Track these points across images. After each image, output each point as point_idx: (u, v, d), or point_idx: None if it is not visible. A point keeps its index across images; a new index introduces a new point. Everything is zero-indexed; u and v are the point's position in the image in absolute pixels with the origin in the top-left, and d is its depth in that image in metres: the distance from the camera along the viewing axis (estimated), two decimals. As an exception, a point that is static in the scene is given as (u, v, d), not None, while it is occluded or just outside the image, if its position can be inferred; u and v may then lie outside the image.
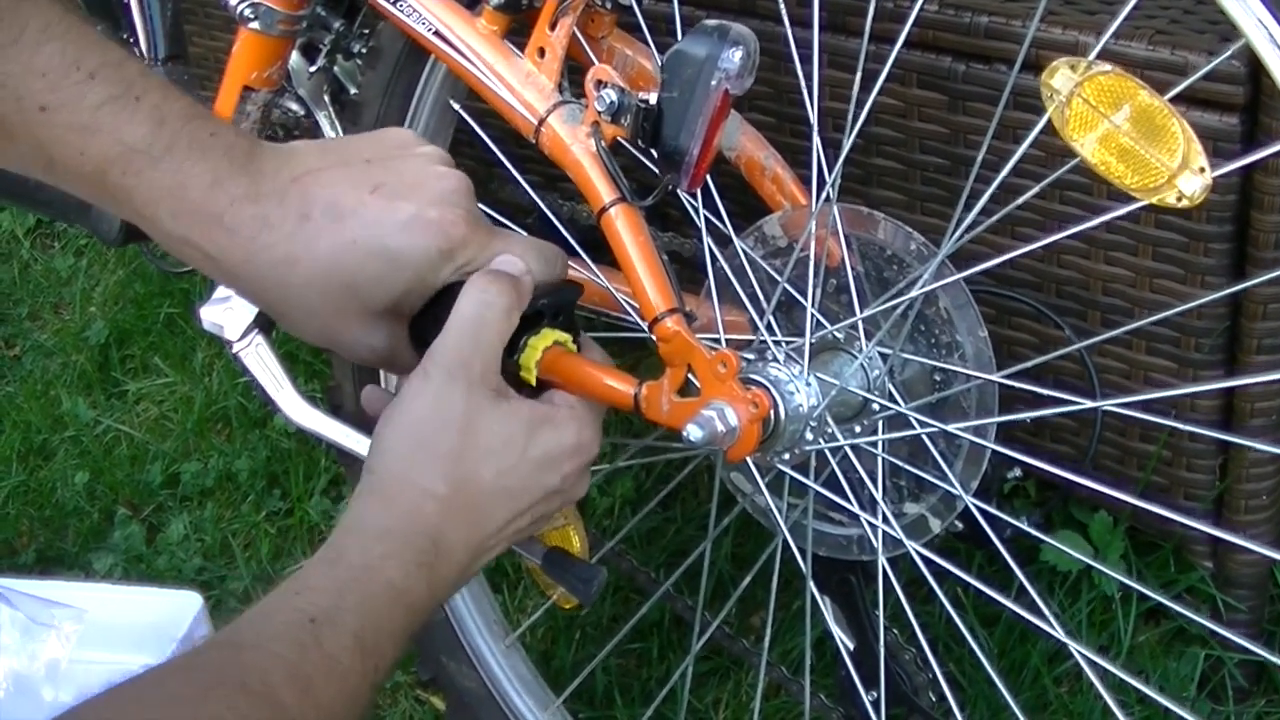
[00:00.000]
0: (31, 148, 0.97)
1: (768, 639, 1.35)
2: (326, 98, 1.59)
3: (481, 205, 1.40)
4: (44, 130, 0.97)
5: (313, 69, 1.57)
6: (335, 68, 1.58)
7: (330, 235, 1.03)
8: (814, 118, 1.21)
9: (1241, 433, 1.41)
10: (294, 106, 1.60)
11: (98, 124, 0.97)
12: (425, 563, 0.99)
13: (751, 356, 1.22)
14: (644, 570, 1.48)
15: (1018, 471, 1.33)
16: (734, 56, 1.14)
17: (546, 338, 1.22)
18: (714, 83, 1.13)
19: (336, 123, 1.58)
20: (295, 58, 1.56)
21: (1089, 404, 1.20)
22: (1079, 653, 1.15)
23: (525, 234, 1.18)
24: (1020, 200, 1.16)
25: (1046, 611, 1.15)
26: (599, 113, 1.18)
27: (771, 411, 1.17)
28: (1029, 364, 1.19)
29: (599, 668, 1.57)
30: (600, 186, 1.20)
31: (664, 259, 1.19)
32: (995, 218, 1.15)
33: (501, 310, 1.07)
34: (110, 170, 0.99)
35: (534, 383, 1.22)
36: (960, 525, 1.27)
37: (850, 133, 1.19)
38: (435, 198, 1.07)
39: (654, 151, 1.17)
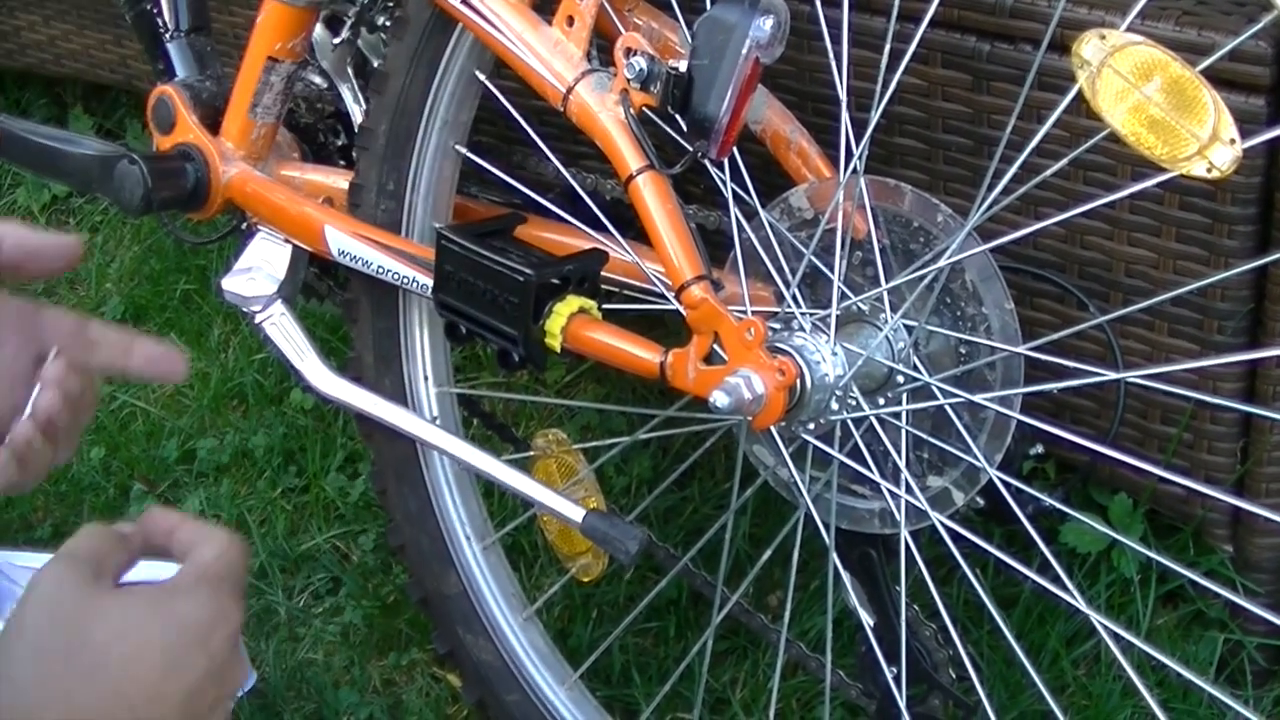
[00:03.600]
0: None
1: (787, 614, 1.34)
2: (350, 70, 1.59)
3: (507, 179, 1.41)
4: None
5: (336, 41, 1.56)
6: (359, 40, 1.57)
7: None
8: (841, 89, 1.21)
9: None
10: (317, 80, 1.60)
11: None
12: None
13: (778, 326, 1.22)
14: (663, 546, 1.48)
15: (1039, 449, 1.33)
16: (765, 25, 1.14)
17: (572, 304, 1.23)
18: (745, 50, 1.14)
19: (360, 95, 1.58)
20: (319, 30, 1.56)
21: (1112, 375, 1.19)
22: (1101, 625, 1.14)
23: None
24: (1048, 172, 1.16)
25: (1070, 584, 1.14)
26: (628, 80, 1.19)
27: (797, 380, 1.17)
28: (1054, 336, 1.19)
29: (616, 645, 1.57)
30: (628, 154, 1.20)
31: (691, 227, 1.19)
32: (1022, 190, 1.15)
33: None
34: None
35: (558, 349, 1.23)
36: (982, 502, 1.27)
37: (879, 103, 1.19)
38: None
39: (683, 119, 1.18)
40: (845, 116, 1.21)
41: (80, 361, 0.98)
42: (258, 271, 1.51)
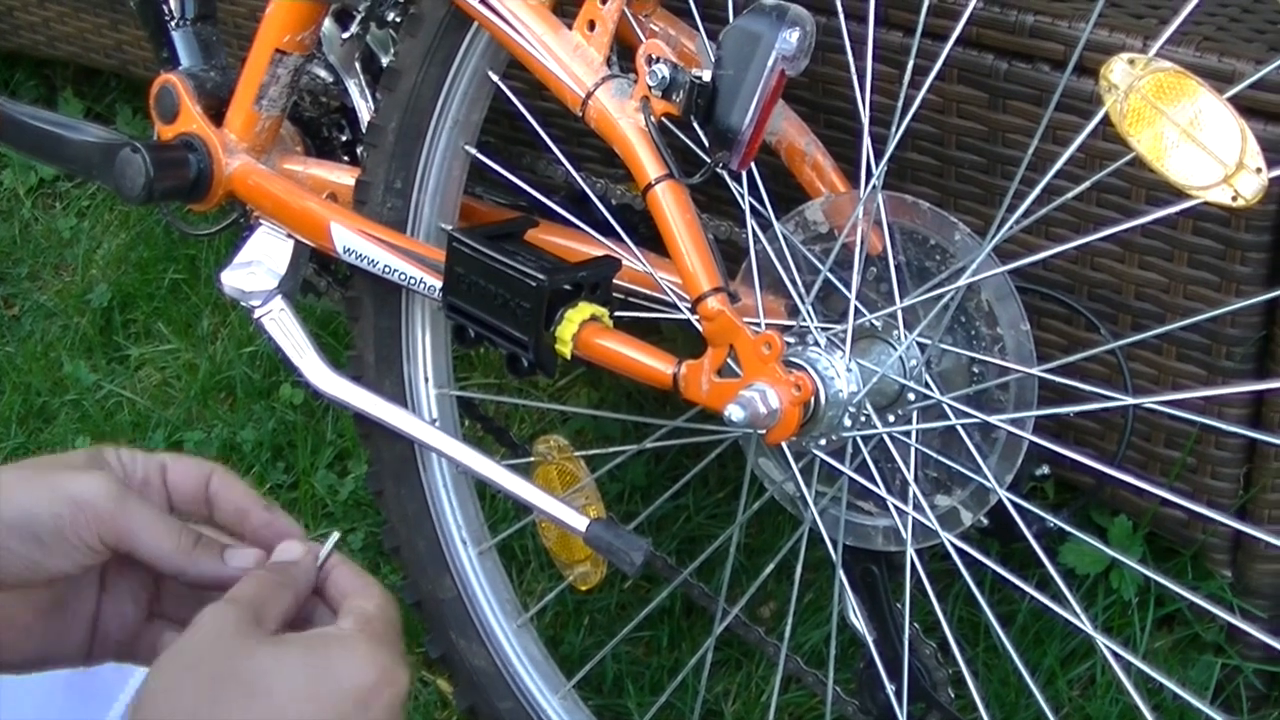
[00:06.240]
0: None
1: (789, 628, 1.33)
2: (358, 66, 1.57)
3: (514, 180, 1.39)
4: None
5: (345, 36, 1.55)
6: (368, 36, 1.56)
7: None
8: (864, 105, 1.20)
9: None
10: (322, 74, 1.58)
11: None
12: None
13: (792, 340, 1.21)
14: (661, 556, 1.47)
15: (1045, 469, 1.32)
16: (791, 37, 1.13)
17: (584, 311, 1.22)
18: (770, 62, 1.13)
19: (366, 91, 1.56)
20: (328, 24, 1.54)
21: (1126, 400, 1.19)
22: (1102, 644, 1.14)
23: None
24: (1071, 194, 1.15)
25: (1074, 602, 1.14)
26: (650, 88, 1.17)
27: (812, 396, 1.16)
28: (1069, 359, 1.19)
29: (609, 655, 1.56)
30: (647, 162, 1.19)
31: (710, 238, 1.18)
32: (1044, 211, 1.14)
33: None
34: None
35: (569, 356, 1.22)
36: (985, 521, 1.26)
37: (899, 119, 1.18)
38: None
39: (705, 129, 1.16)
40: (866, 132, 1.20)
41: None
42: (258, 266, 1.49)
